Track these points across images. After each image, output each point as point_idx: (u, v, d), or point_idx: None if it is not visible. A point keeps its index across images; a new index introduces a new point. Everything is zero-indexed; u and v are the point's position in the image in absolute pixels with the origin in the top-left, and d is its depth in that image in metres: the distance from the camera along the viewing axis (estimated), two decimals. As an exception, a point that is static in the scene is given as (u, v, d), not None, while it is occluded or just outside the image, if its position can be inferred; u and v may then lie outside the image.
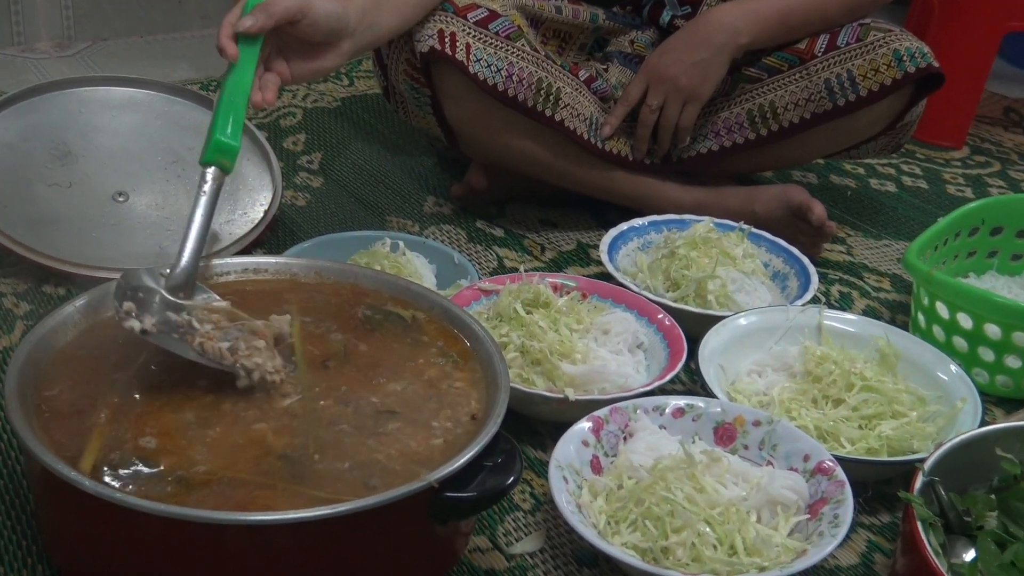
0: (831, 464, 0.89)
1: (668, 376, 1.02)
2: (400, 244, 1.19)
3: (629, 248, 1.30)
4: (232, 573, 0.72)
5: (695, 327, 1.10)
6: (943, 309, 1.14)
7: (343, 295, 0.96)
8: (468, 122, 1.29)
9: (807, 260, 1.27)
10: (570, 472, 0.88)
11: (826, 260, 1.42)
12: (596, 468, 0.90)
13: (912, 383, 1.05)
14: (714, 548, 0.81)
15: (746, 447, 0.94)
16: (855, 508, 0.85)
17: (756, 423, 0.94)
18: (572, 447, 0.90)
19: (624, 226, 1.31)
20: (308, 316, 0.93)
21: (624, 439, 0.93)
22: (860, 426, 0.99)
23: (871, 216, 1.58)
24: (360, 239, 1.22)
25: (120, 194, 1.26)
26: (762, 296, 1.21)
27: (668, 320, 1.10)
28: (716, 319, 1.10)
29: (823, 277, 1.35)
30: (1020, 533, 0.84)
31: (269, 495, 0.73)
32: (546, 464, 0.90)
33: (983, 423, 0.97)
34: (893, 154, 1.55)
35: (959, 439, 0.89)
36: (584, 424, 0.92)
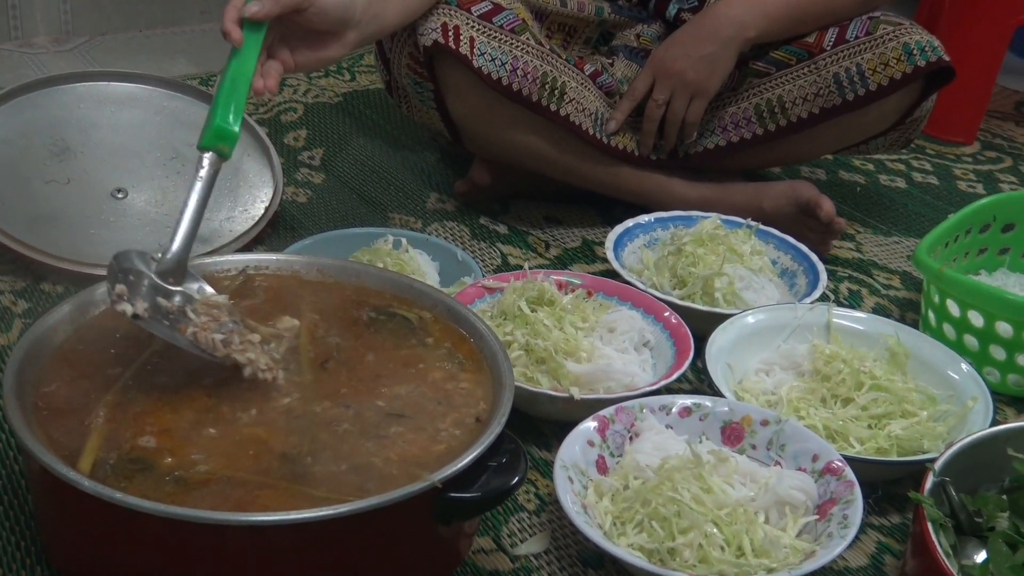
0: (840, 464, 0.89)
1: (675, 375, 1.02)
2: (403, 241, 1.19)
3: (635, 245, 1.30)
4: (233, 574, 0.72)
5: (702, 325, 1.09)
6: (954, 307, 1.14)
7: (348, 295, 0.96)
8: (472, 117, 1.29)
9: (816, 257, 1.27)
10: (575, 472, 0.88)
11: (835, 257, 1.41)
12: (602, 468, 0.90)
13: (922, 382, 1.05)
14: (721, 549, 0.81)
15: (754, 447, 0.94)
16: (864, 509, 0.85)
17: (764, 422, 0.94)
18: (577, 447, 0.90)
19: (630, 223, 1.31)
20: (313, 317, 0.92)
21: (630, 439, 0.93)
22: (870, 426, 0.99)
23: (881, 212, 1.58)
24: (362, 236, 1.22)
25: (119, 191, 1.26)
26: (770, 294, 1.21)
27: (675, 318, 1.10)
28: (723, 317, 1.10)
29: (832, 274, 1.35)
30: (1032, 534, 0.84)
31: (268, 495, 0.73)
32: (551, 464, 0.89)
33: (994, 423, 0.97)
34: (903, 149, 1.54)
35: (970, 439, 0.89)
36: (589, 423, 0.92)
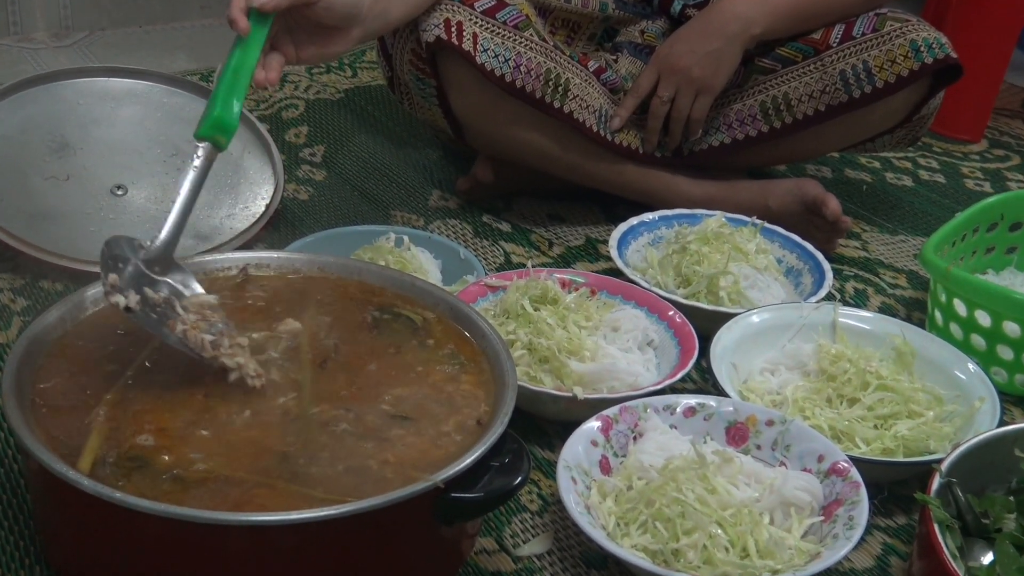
0: (846, 465, 0.89)
1: (679, 374, 1.02)
2: (405, 239, 1.19)
3: (639, 243, 1.29)
4: (234, 574, 0.72)
5: (707, 324, 1.09)
6: (961, 306, 1.13)
7: (351, 294, 0.95)
8: (475, 114, 1.29)
9: (821, 256, 1.26)
10: (579, 472, 0.87)
11: (841, 256, 1.41)
12: (605, 468, 0.90)
13: (929, 382, 1.04)
14: (726, 550, 0.81)
15: (759, 447, 0.93)
16: (870, 510, 0.85)
17: (769, 423, 0.94)
18: (581, 447, 0.89)
19: (634, 221, 1.30)
20: (315, 316, 0.92)
21: (634, 439, 0.93)
22: (875, 426, 0.99)
23: (887, 211, 1.57)
24: (364, 234, 1.22)
25: (119, 187, 1.25)
26: (775, 293, 1.21)
27: (679, 317, 1.10)
28: (728, 316, 1.09)
29: (838, 273, 1.34)
30: (1040, 536, 0.84)
31: (265, 494, 0.73)
32: (554, 464, 0.89)
33: (1001, 423, 0.97)
34: (910, 147, 1.54)
35: (977, 439, 0.89)
36: (593, 423, 0.92)
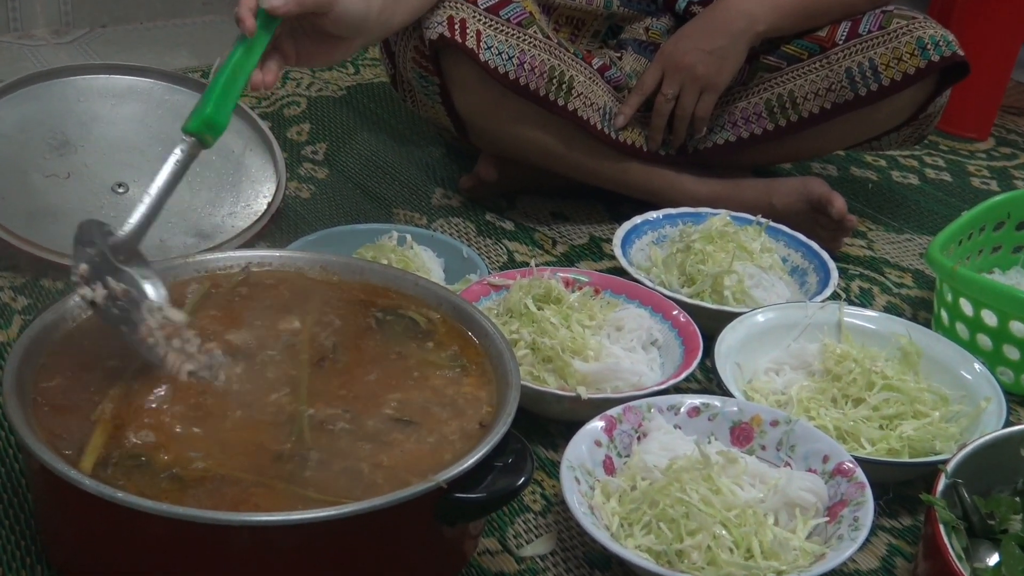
0: (851, 465, 0.89)
1: (683, 374, 1.02)
2: (407, 237, 1.19)
3: (643, 242, 1.29)
4: (235, 574, 0.71)
5: (711, 324, 1.09)
6: (967, 306, 1.13)
7: (354, 293, 0.95)
8: (478, 111, 1.28)
9: (827, 255, 1.26)
10: (582, 473, 0.87)
11: (846, 255, 1.41)
12: (609, 469, 0.90)
13: (935, 382, 1.04)
14: (730, 551, 0.81)
15: (763, 447, 0.93)
16: (875, 511, 0.85)
17: (774, 423, 0.94)
18: (584, 447, 0.89)
19: (638, 219, 1.30)
20: (317, 315, 0.91)
21: (638, 439, 0.92)
22: (881, 426, 0.99)
23: (893, 209, 1.57)
24: (366, 232, 1.22)
25: (120, 185, 1.25)
26: (780, 292, 1.21)
27: (683, 316, 1.10)
28: (733, 315, 1.09)
29: (843, 272, 1.34)
30: (1047, 538, 0.83)
31: (262, 493, 0.73)
32: (557, 464, 0.89)
33: (1008, 423, 0.97)
34: (916, 145, 1.54)
35: (983, 440, 0.89)
36: (597, 423, 0.91)
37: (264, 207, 1.28)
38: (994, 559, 0.83)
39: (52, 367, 0.81)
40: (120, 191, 1.25)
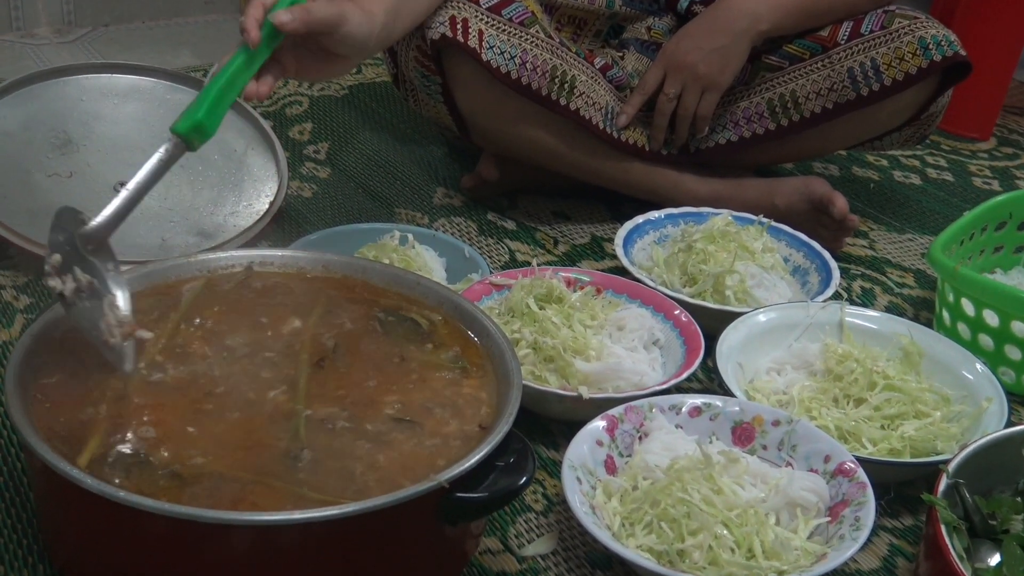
0: (852, 465, 0.89)
1: (685, 374, 1.01)
2: (409, 237, 1.19)
3: (645, 242, 1.29)
4: (236, 573, 0.71)
5: (713, 323, 1.09)
6: (969, 306, 1.13)
7: (356, 293, 0.95)
8: (480, 111, 1.28)
9: (828, 255, 1.26)
10: (584, 472, 0.87)
11: (848, 255, 1.40)
12: (610, 468, 0.90)
13: (936, 382, 1.04)
14: (731, 551, 0.80)
15: (765, 447, 0.93)
16: (877, 511, 0.84)
17: (775, 423, 0.93)
18: (586, 447, 0.89)
19: (640, 219, 1.30)
20: (321, 316, 0.91)
21: (639, 439, 0.92)
22: (882, 426, 0.99)
23: (894, 209, 1.57)
24: (368, 232, 1.22)
25: (122, 184, 1.24)
26: (782, 292, 1.20)
27: (685, 316, 1.10)
28: (734, 315, 1.09)
29: (845, 272, 1.34)
30: (1048, 538, 0.83)
31: (261, 491, 0.72)
32: (559, 464, 0.89)
33: (1009, 424, 0.96)
34: (918, 145, 1.53)
35: (984, 440, 0.89)
36: (598, 423, 0.91)
37: (266, 206, 1.28)
38: (995, 559, 0.83)
39: (53, 365, 0.81)
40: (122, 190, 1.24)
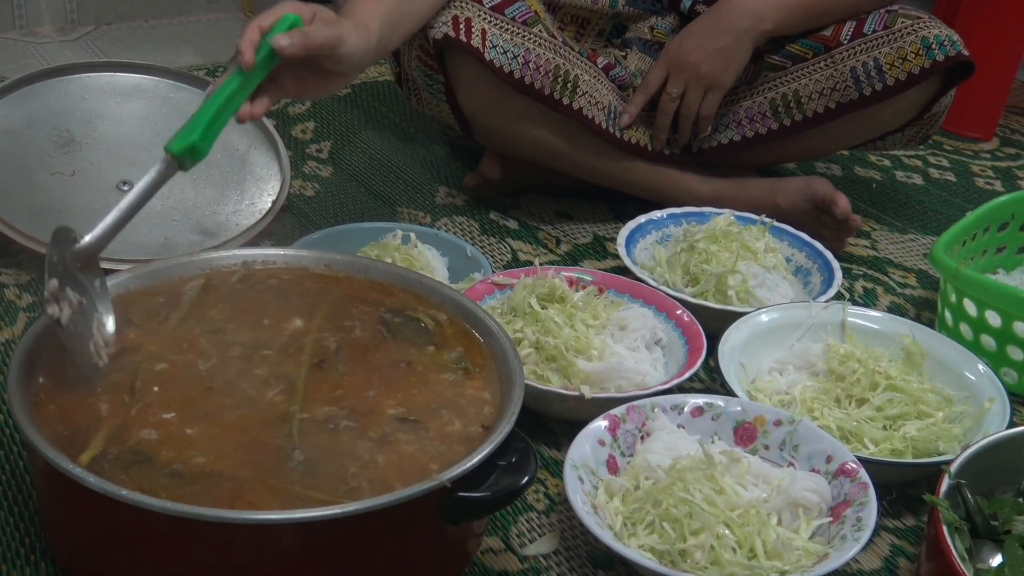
0: (854, 466, 0.89)
1: (687, 374, 1.01)
2: (411, 236, 1.18)
3: (647, 241, 1.29)
4: (238, 572, 0.71)
5: (715, 323, 1.09)
6: (971, 306, 1.13)
7: (359, 293, 0.95)
8: (483, 110, 1.28)
9: (830, 255, 1.26)
10: (586, 472, 0.87)
11: (850, 255, 1.40)
12: (612, 468, 0.90)
13: (938, 382, 1.04)
14: (733, 551, 0.80)
15: (767, 447, 0.93)
16: (879, 511, 0.84)
17: (777, 423, 0.93)
18: (588, 446, 0.89)
19: (642, 219, 1.30)
20: (323, 315, 0.91)
21: (641, 438, 0.92)
22: (884, 427, 0.98)
23: (897, 210, 1.57)
24: (371, 231, 1.22)
25: (124, 183, 1.25)
26: (784, 292, 1.20)
27: (687, 316, 1.10)
28: (736, 315, 1.09)
29: (847, 272, 1.34)
30: (1050, 539, 0.83)
31: (259, 489, 0.72)
32: (561, 463, 0.89)
33: (1011, 424, 0.96)
34: (920, 145, 1.53)
35: (986, 441, 0.89)
36: (600, 423, 0.91)
37: (268, 205, 1.28)
38: (997, 560, 0.83)
39: (56, 364, 0.81)
40: (125, 189, 1.24)
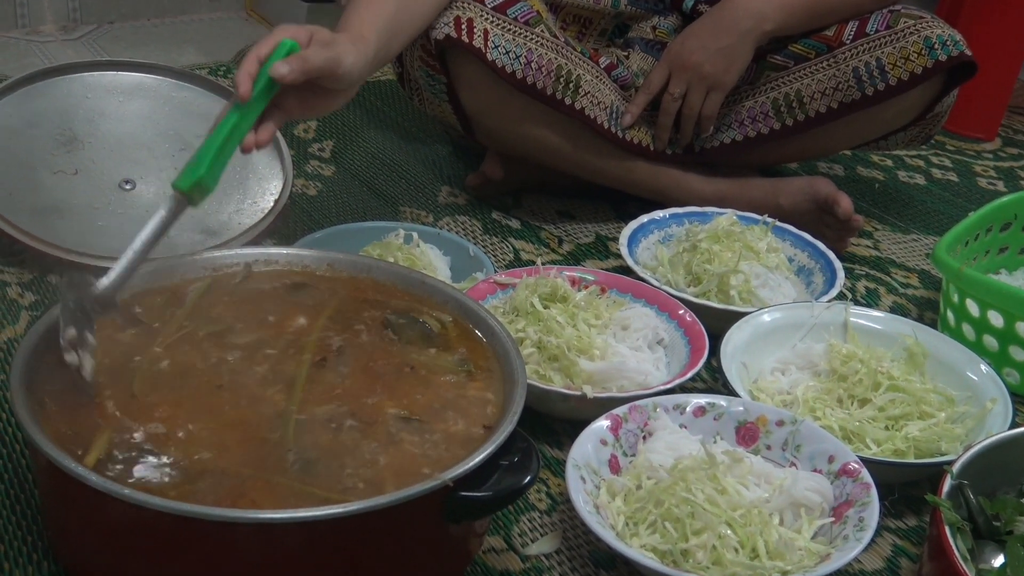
0: (856, 466, 0.89)
1: (689, 374, 1.01)
2: (414, 235, 1.18)
3: (649, 241, 1.29)
4: (241, 571, 0.71)
5: (717, 323, 1.09)
6: (973, 307, 1.13)
7: (362, 293, 0.95)
8: (485, 110, 1.28)
9: (833, 255, 1.26)
10: (588, 471, 0.87)
11: (852, 255, 1.40)
12: (614, 468, 0.90)
13: (940, 383, 1.04)
14: (735, 551, 0.80)
15: (769, 447, 0.93)
16: (881, 511, 0.84)
17: (779, 423, 0.93)
18: (590, 446, 0.89)
19: (644, 218, 1.30)
20: (329, 317, 0.91)
21: (643, 438, 0.92)
22: (887, 427, 0.98)
23: (899, 210, 1.57)
24: (373, 230, 1.22)
25: (127, 182, 1.25)
26: (786, 292, 1.20)
27: (689, 316, 1.10)
28: (739, 315, 1.09)
29: (849, 272, 1.34)
30: (1052, 539, 0.83)
31: (260, 487, 0.73)
32: (563, 463, 0.89)
33: (1014, 424, 0.96)
34: (922, 145, 1.53)
35: (988, 441, 0.89)
36: (602, 422, 0.91)
37: (271, 204, 1.28)
38: (999, 560, 0.83)
39: (59, 363, 0.81)
40: (127, 188, 1.24)
